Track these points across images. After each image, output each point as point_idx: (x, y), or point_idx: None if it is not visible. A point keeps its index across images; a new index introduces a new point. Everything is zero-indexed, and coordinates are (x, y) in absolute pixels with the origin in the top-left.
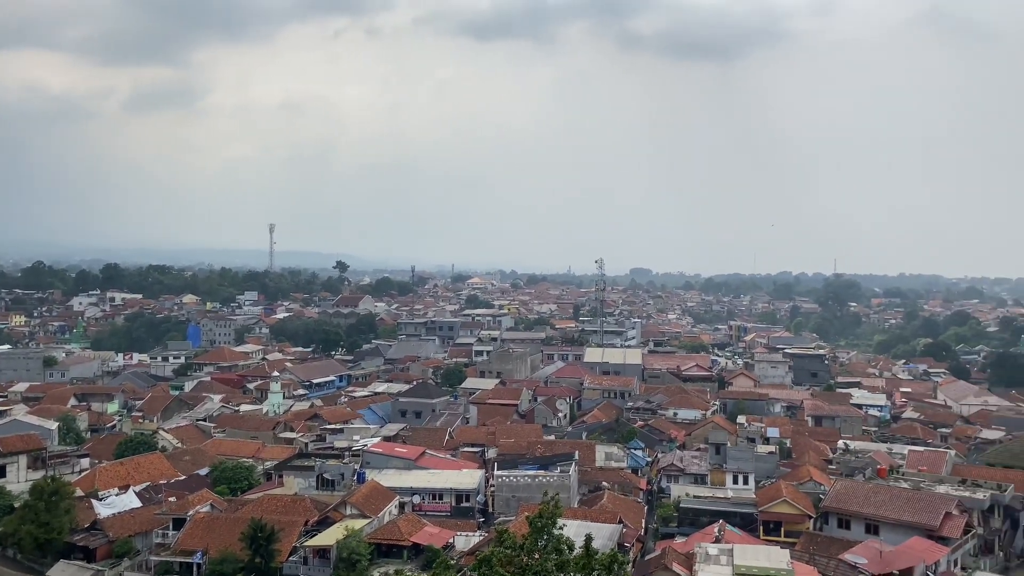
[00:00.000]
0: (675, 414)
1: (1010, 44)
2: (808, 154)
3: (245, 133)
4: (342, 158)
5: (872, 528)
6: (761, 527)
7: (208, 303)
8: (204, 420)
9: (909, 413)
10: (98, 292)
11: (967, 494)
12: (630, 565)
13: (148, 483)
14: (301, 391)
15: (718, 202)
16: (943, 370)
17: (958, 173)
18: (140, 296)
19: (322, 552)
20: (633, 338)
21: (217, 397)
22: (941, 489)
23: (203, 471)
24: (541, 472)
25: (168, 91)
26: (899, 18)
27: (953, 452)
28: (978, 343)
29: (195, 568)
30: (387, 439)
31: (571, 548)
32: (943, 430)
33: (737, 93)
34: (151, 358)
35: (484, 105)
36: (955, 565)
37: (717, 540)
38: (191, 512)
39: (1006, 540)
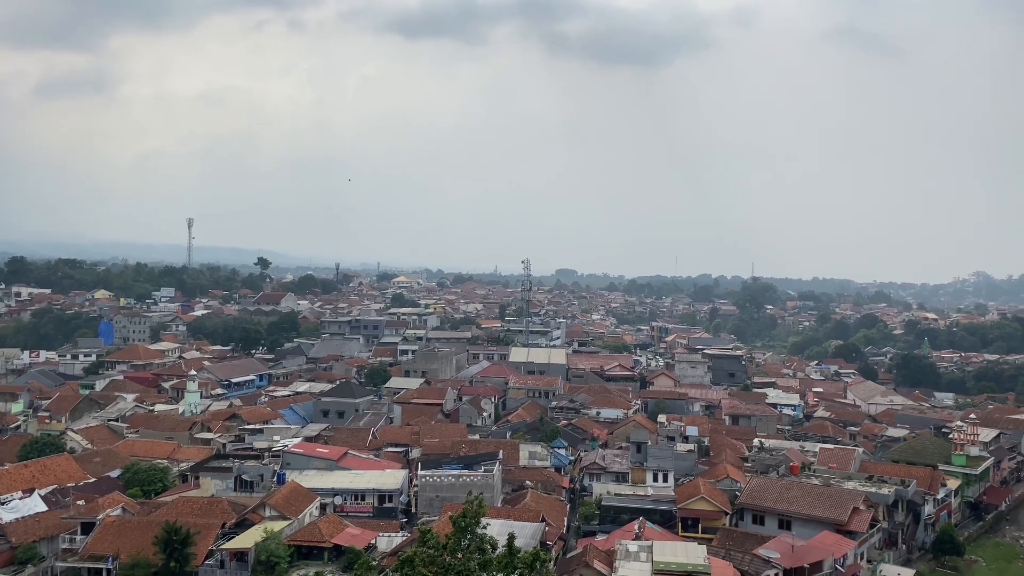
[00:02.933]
0: (598, 413)
1: (915, 59)
2: (728, 160)
3: (163, 125)
4: (265, 153)
5: (785, 523)
6: (680, 524)
7: (122, 299)
8: (116, 420)
9: (821, 412)
10: (2, 286)
11: (873, 490)
12: (552, 563)
13: (55, 486)
14: (219, 390)
15: (642, 205)
16: (853, 371)
17: (868, 181)
18: (48, 291)
19: (240, 555)
20: (558, 338)
21: (130, 396)
22: (850, 485)
23: (114, 473)
24: (465, 472)
25: (81, 78)
26: (816, 31)
27: (861, 449)
28: (885, 345)
29: (105, 574)
30: (308, 439)
31: (494, 547)
32: (852, 428)
33: (661, 98)
34: (60, 356)
35: (412, 104)
36: (861, 558)
37: (637, 537)
38: (101, 516)
39: (908, 533)
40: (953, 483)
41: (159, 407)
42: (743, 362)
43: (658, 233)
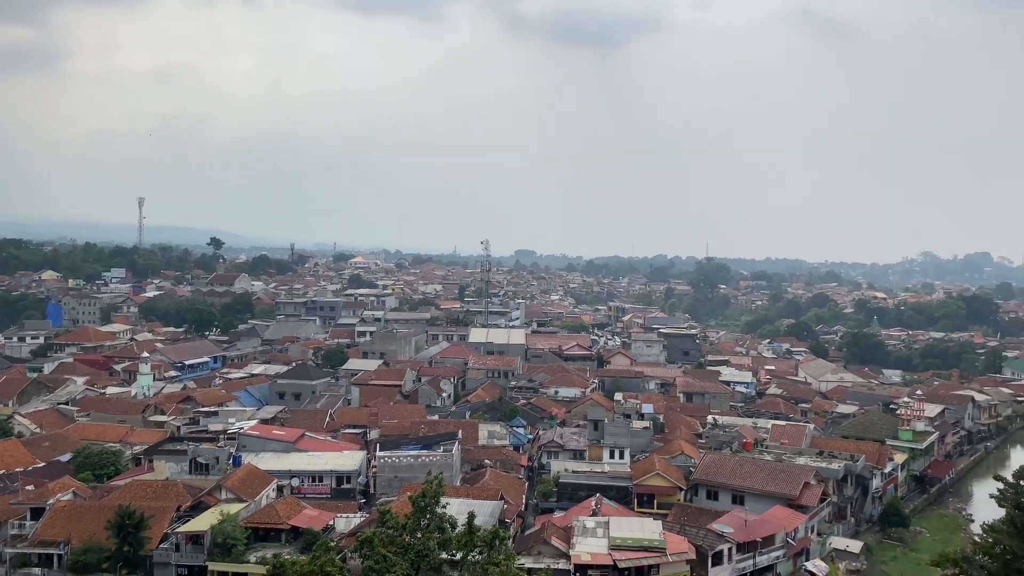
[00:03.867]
0: (556, 392)
1: (868, 42)
2: (685, 141)
3: (112, 102)
4: (218, 131)
5: (738, 498)
6: (635, 500)
7: (71, 280)
8: (66, 404)
9: (773, 389)
10: None
11: (824, 465)
12: (511, 540)
13: (2, 471)
14: (173, 373)
15: (600, 186)
16: (804, 349)
17: (821, 163)
18: None
19: (196, 538)
20: (517, 319)
21: (81, 379)
22: (801, 461)
23: (65, 457)
24: (424, 452)
25: (25, 52)
26: (773, 13)
27: (812, 426)
28: (836, 324)
29: (56, 559)
30: (265, 422)
31: (453, 526)
32: (803, 405)
33: (619, 79)
34: (6, 338)
35: (368, 82)
36: (812, 531)
37: (594, 513)
38: (51, 501)
39: (857, 506)
40: (900, 457)
41: (111, 390)
42: (697, 341)
43: (616, 214)
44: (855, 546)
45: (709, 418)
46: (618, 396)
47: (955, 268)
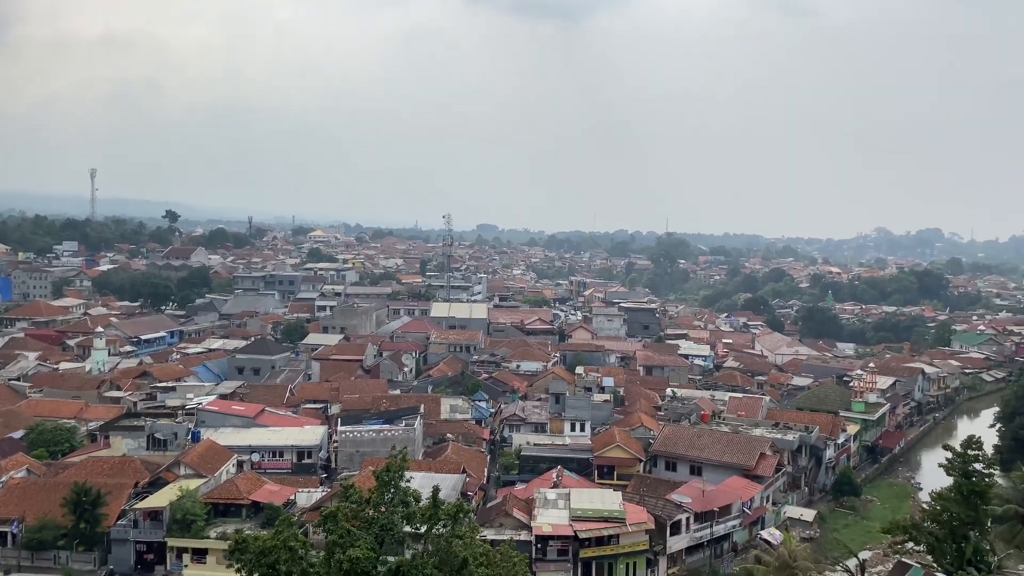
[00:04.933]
0: (518, 366)
1: (825, 19)
2: (646, 116)
3: (61, 69)
4: (173, 101)
5: (696, 469)
6: (596, 471)
7: (20, 253)
8: (17, 379)
9: (730, 362)
10: None
11: (779, 436)
12: (473, 513)
13: None
14: (128, 348)
15: (562, 160)
16: (761, 323)
17: (778, 139)
18: None
19: (154, 514)
20: (479, 293)
21: (32, 355)
22: (757, 432)
23: (17, 434)
24: (386, 427)
25: None
26: None
27: (768, 398)
28: (792, 298)
29: (11, 537)
30: (223, 397)
31: (417, 500)
32: (760, 378)
33: (581, 54)
34: None
35: (327, 52)
36: (767, 500)
37: (555, 485)
38: (4, 478)
39: (811, 476)
40: (852, 428)
41: (64, 365)
42: (657, 315)
43: (578, 189)
44: (809, 515)
45: (668, 391)
46: (579, 370)
47: (908, 244)
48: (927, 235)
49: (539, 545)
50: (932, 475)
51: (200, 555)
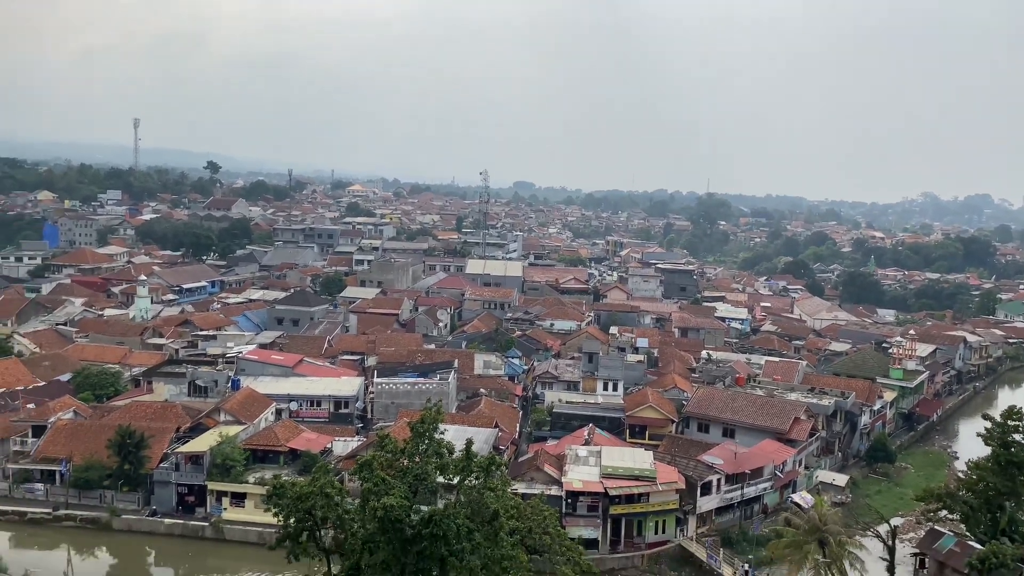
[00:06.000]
0: (552, 325)
1: None
2: (688, 75)
3: (103, 18)
4: (214, 53)
5: (729, 431)
6: (627, 430)
7: (66, 201)
8: (64, 324)
9: (767, 326)
10: None
11: (814, 401)
12: (505, 467)
13: (3, 389)
14: (170, 296)
15: (601, 118)
16: (800, 287)
17: (824, 100)
18: None
19: (195, 458)
20: (514, 251)
21: (79, 301)
22: (792, 396)
23: (64, 377)
24: (421, 380)
25: None
26: None
27: (805, 363)
28: (833, 262)
29: (59, 476)
30: (263, 346)
31: (451, 452)
32: (797, 342)
33: (622, 10)
34: (3, 258)
35: (370, 6)
36: (800, 464)
37: (586, 442)
38: (52, 419)
39: (845, 442)
40: (889, 395)
41: (108, 312)
42: (694, 277)
43: (617, 148)
44: (841, 480)
45: (703, 353)
46: (613, 330)
47: (955, 209)
48: (976, 201)
49: (569, 500)
50: (969, 444)
51: (239, 499)
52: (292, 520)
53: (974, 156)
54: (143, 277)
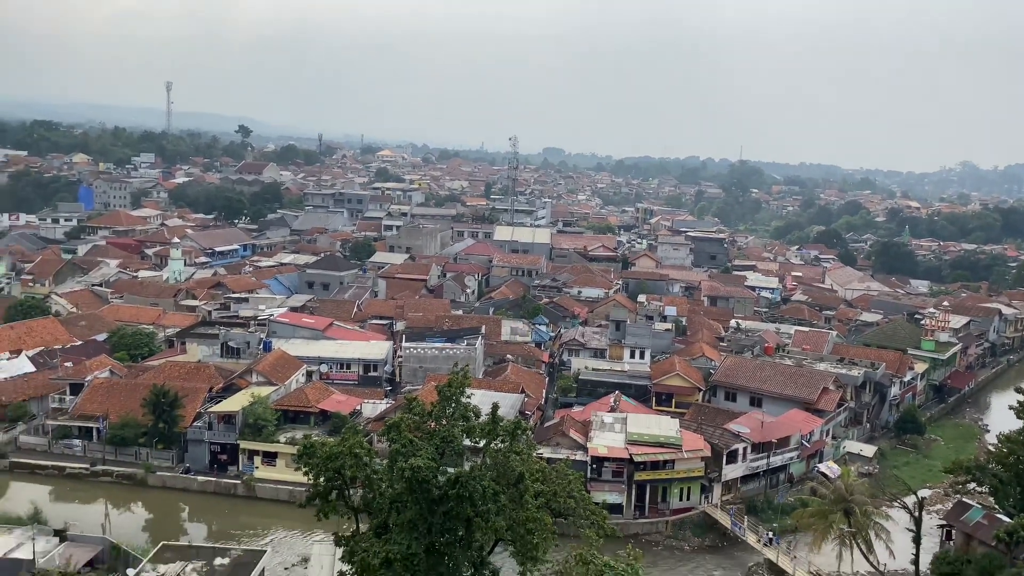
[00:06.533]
0: (579, 292)
1: None
2: (722, 40)
3: None
4: (245, 17)
5: (756, 401)
6: (654, 398)
7: (101, 164)
8: (100, 285)
9: (798, 296)
10: None
11: (844, 371)
12: (530, 431)
13: (41, 348)
14: (203, 259)
15: (632, 83)
16: (833, 256)
17: (860, 66)
18: (25, 153)
19: (227, 418)
20: (543, 218)
21: (113, 262)
22: (821, 366)
23: (100, 337)
24: (448, 345)
25: None
26: None
27: (835, 333)
28: (867, 232)
29: (96, 433)
30: (294, 310)
31: (477, 415)
32: (828, 312)
33: None
34: (40, 219)
35: None
36: (827, 435)
37: (612, 409)
38: (89, 377)
39: (873, 413)
40: (920, 367)
41: (143, 273)
42: (725, 245)
43: (648, 114)
44: (869, 450)
45: (732, 322)
46: (641, 298)
47: (994, 179)
48: (1016, 171)
49: (594, 465)
50: (1001, 417)
51: (270, 458)
52: (322, 479)
53: (1016, 124)
54: (176, 240)
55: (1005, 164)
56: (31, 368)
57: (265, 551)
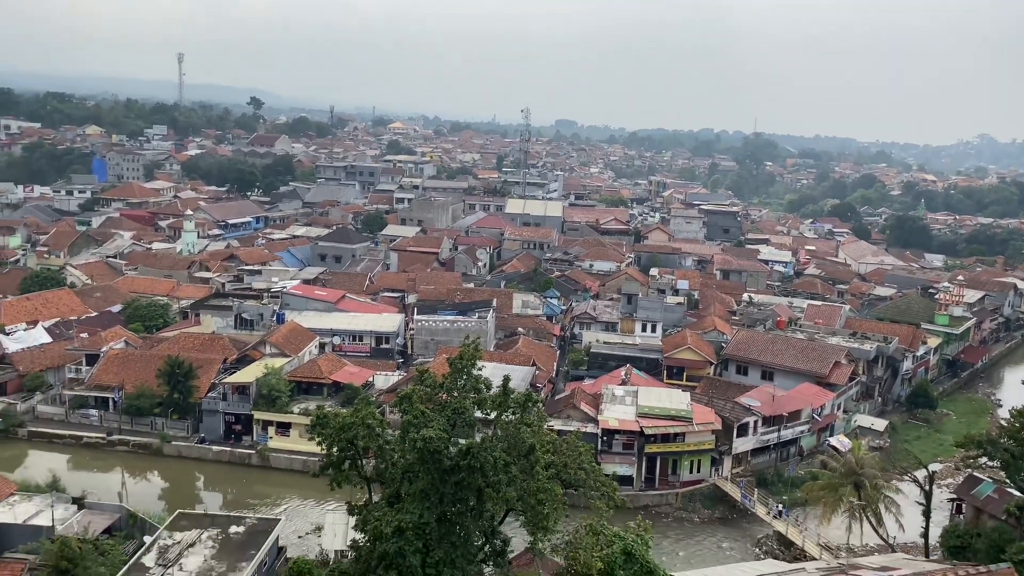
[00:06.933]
0: (591, 266)
1: None
2: (737, 14)
3: None
4: None
5: (768, 375)
6: (665, 372)
7: (114, 136)
8: (114, 257)
9: (811, 270)
10: None
11: (856, 345)
12: (541, 404)
13: (57, 319)
14: (216, 231)
15: (646, 54)
16: (847, 230)
17: (877, 38)
18: (38, 125)
19: (242, 389)
20: (555, 191)
21: (127, 234)
22: (833, 340)
23: (115, 308)
24: (460, 318)
25: None
26: None
27: (848, 307)
28: (881, 205)
29: (112, 403)
30: (307, 282)
31: (488, 387)
32: (841, 286)
33: None
34: (54, 191)
35: None
36: (839, 408)
37: (623, 382)
38: (105, 348)
39: (885, 387)
40: (934, 341)
41: (156, 245)
42: (738, 219)
43: (662, 85)
44: (880, 424)
45: (744, 296)
46: (653, 271)
47: (1013, 152)
48: None
49: (605, 438)
50: (1014, 392)
51: (284, 428)
52: (335, 449)
53: None
54: (189, 212)
55: None
56: (47, 339)
57: (280, 519)
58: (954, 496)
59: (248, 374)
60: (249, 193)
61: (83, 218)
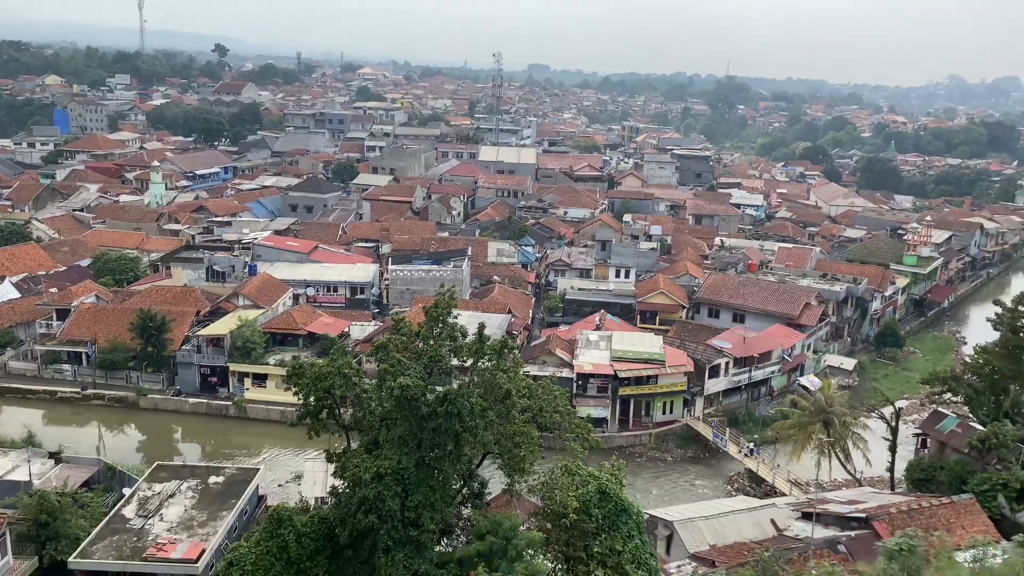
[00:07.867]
0: (565, 213)
1: None
2: None
3: None
4: None
5: (739, 317)
6: (639, 316)
7: (75, 86)
8: (81, 210)
9: (783, 213)
10: None
11: (826, 287)
12: (518, 351)
13: (25, 274)
14: (184, 183)
15: None
16: (818, 173)
17: None
18: None
19: (216, 341)
20: (528, 137)
21: (94, 187)
22: (804, 282)
23: (84, 262)
24: (435, 267)
25: None
26: None
27: (818, 249)
28: (853, 148)
29: (85, 358)
30: (278, 233)
31: (464, 335)
32: (812, 229)
33: None
34: (15, 144)
35: None
36: (808, 349)
37: (597, 328)
38: (75, 303)
39: (854, 327)
40: (902, 281)
41: (124, 198)
42: (711, 163)
43: (634, 27)
44: (849, 364)
45: (717, 240)
46: (627, 217)
47: (981, 93)
48: (1004, 84)
49: (580, 382)
50: (979, 329)
51: (260, 380)
52: (312, 399)
53: (1004, 38)
54: (156, 163)
55: (993, 77)
56: (16, 294)
57: (259, 469)
58: (919, 431)
59: (222, 326)
60: (216, 143)
61: (47, 171)
